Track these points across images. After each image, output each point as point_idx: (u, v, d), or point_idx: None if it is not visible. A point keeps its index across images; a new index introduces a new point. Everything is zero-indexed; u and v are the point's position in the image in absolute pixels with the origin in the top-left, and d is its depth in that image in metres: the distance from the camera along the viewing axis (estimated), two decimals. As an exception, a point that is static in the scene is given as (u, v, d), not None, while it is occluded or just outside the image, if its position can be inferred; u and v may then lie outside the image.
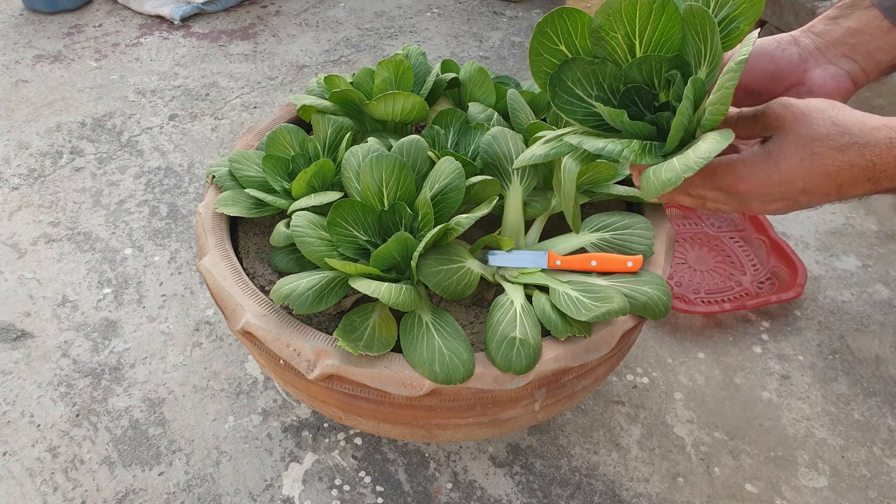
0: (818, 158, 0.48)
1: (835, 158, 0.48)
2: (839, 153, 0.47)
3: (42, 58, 1.74)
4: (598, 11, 0.49)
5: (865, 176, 0.48)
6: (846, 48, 0.59)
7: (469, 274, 0.69)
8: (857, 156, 0.47)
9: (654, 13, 0.48)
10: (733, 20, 0.49)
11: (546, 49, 0.52)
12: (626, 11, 0.48)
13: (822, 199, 0.51)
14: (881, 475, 0.91)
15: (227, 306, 0.71)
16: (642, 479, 0.91)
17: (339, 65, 1.76)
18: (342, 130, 0.84)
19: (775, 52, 0.60)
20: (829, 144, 0.48)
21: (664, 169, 0.47)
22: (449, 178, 0.71)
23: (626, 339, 0.71)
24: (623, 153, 0.50)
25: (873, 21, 0.58)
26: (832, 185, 0.49)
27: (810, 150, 0.48)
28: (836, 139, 0.47)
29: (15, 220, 1.28)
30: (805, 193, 0.50)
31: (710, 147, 0.45)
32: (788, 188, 0.50)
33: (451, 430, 0.72)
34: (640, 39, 0.50)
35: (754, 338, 1.09)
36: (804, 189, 0.50)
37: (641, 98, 0.53)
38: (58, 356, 1.05)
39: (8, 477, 0.90)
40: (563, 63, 0.52)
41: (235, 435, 0.95)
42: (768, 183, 0.50)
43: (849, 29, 0.59)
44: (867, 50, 0.59)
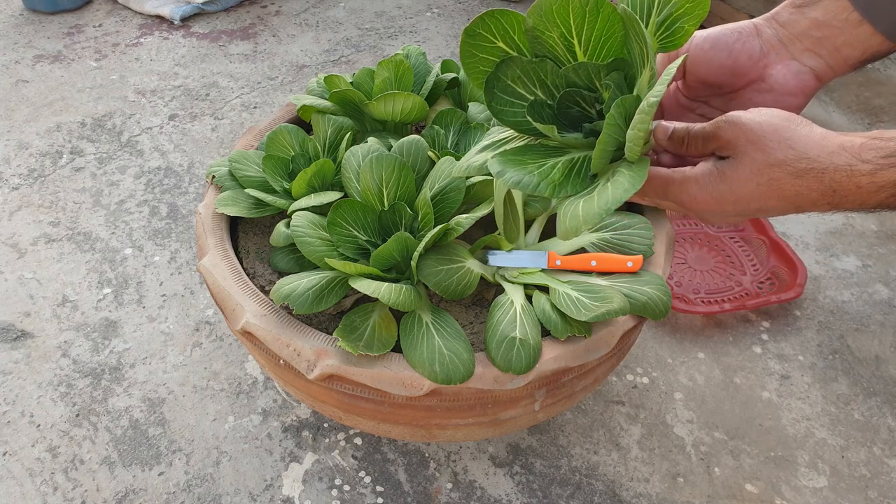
0: (775, 183, 0.46)
1: (792, 184, 0.46)
2: (797, 179, 0.45)
3: (42, 58, 1.74)
4: (529, 12, 0.46)
5: (825, 200, 0.46)
6: (811, 42, 0.55)
7: (469, 274, 0.69)
8: (816, 182, 0.45)
9: (589, 14, 0.45)
10: (677, 20, 0.46)
11: (482, 48, 0.49)
12: (559, 13, 0.45)
13: (781, 214, 0.50)
14: (881, 475, 0.91)
15: (227, 306, 0.71)
16: (642, 479, 0.91)
17: (339, 65, 1.76)
18: (342, 130, 0.84)
19: (735, 44, 0.56)
20: (787, 170, 0.45)
21: (570, 215, 0.45)
22: (449, 178, 0.71)
23: (626, 339, 0.71)
24: (539, 187, 0.47)
25: (841, 13, 0.54)
26: (791, 206, 0.48)
27: (767, 175, 0.46)
28: (793, 164, 0.45)
29: (15, 220, 1.28)
30: (762, 211, 0.49)
31: (617, 195, 0.44)
32: (744, 207, 0.49)
33: (451, 430, 0.72)
34: (579, 39, 0.47)
35: (754, 338, 1.09)
36: (761, 208, 0.49)
37: (584, 98, 0.50)
38: (58, 356, 1.05)
39: (8, 477, 0.90)
40: (502, 61, 0.49)
41: (235, 435, 0.95)
42: (722, 202, 0.49)
43: (814, 21, 0.55)
44: (834, 45, 0.54)
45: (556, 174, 0.48)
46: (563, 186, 0.48)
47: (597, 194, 0.46)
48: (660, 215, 0.81)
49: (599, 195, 0.45)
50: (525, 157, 0.50)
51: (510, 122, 0.51)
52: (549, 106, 0.50)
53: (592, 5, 0.45)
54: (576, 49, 0.48)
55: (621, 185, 0.45)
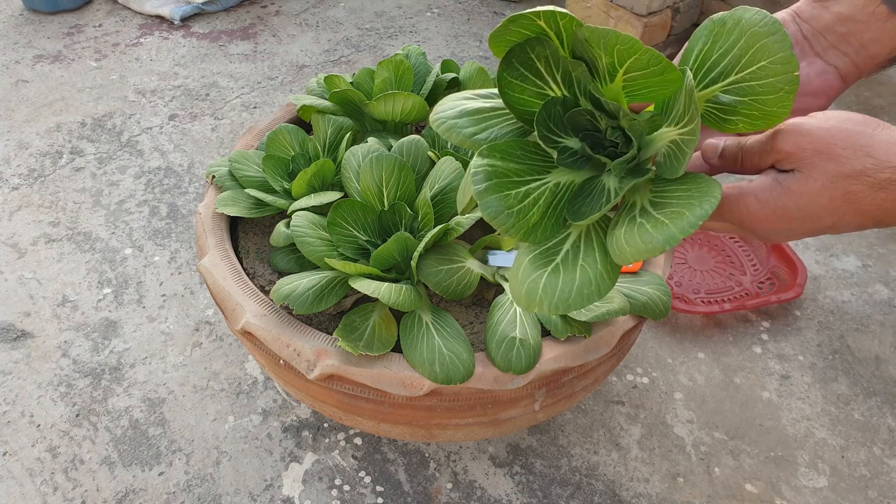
0: (852, 197, 0.41)
1: (873, 198, 0.40)
2: (879, 191, 0.40)
3: (42, 58, 1.74)
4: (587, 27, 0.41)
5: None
6: (835, 38, 0.51)
7: (469, 274, 0.69)
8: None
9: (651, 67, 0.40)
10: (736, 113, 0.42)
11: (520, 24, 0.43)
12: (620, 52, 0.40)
13: (854, 230, 0.44)
14: (881, 475, 0.91)
15: (227, 306, 0.71)
16: (642, 479, 0.91)
17: (339, 65, 1.76)
18: (342, 130, 0.84)
19: None
20: (866, 182, 0.40)
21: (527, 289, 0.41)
22: (449, 178, 0.71)
23: (626, 339, 0.71)
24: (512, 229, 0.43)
25: (867, 6, 0.49)
26: (869, 221, 0.42)
27: (842, 188, 0.41)
28: (873, 175, 0.40)
29: (15, 220, 1.28)
30: (833, 227, 0.43)
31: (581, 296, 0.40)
32: (813, 224, 0.43)
33: (451, 430, 0.72)
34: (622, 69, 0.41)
35: (754, 338, 1.09)
36: (833, 225, 0.43)
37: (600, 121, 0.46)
38: (58, 356, 1.05)
39: (8, 477, 0.90)
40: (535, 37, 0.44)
41: (235, 435, 0.95)
42: (787, 219, 0.43)
43: (839, 15, 0.50)
44: (860, 41, 0.50)
45: (533, 215, 0.44)
46: (534, 231, 0.44)
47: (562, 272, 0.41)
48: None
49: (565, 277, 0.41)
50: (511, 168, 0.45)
51: (515, 98, 0.46)
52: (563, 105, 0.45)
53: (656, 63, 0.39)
54: (617, 77, 0.42)
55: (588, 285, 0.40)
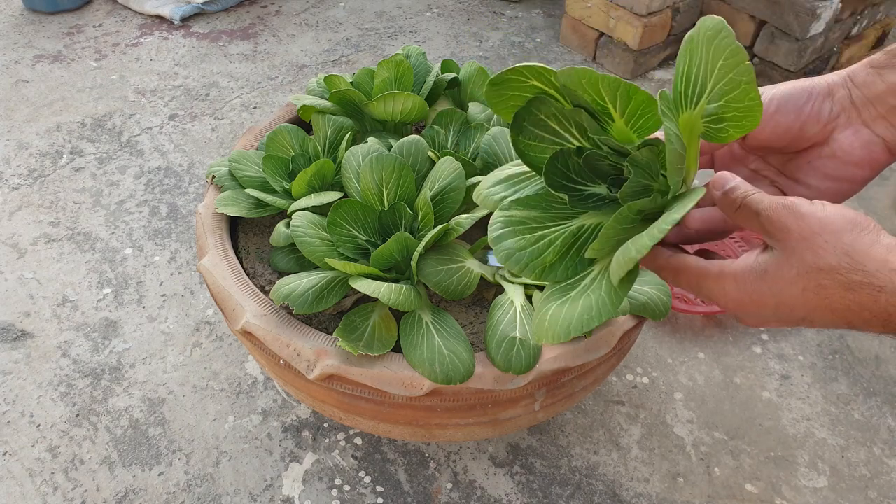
0: (823, 291, 0.41)
1: (843, 297, 0.40)
2: (848, 291, 0.40)
3: (42, 58, 1.74)
4: (559, 73, 0.43)
5: (879, 320, 0.40)
6: (886, 109, 0.49)
7: (469, 274, 0.69)
8: (870, 300, 0.39)
9: (621, 97, 0.42)
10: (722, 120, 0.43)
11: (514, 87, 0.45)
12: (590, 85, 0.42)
13: (829, 328, 0.44)
14: (881, 475, 0.91)
15: (227, 306, 0.71)
16: (642, 479, 0.91)
17: (339, 65, 1.76)
18: (342, 130, 0.84)
19: (804, 106, 0.50)
20: (837, 279, 0.40)
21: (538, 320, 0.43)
22: (449, 178, 0.71)
23: (626, 339, 0.71)
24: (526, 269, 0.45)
25: None
26: (839, 321, 0.42)
27: (815, 280, 0.41)
28: (846, 274, 0.40)
29: (15, 220, 1.28)
30: (807, 321, 0.43)
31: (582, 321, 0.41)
32: (786, 314, 0.43)
33: (451, 430, 0.72)
34: (615, 106, 0.43)
35: (754, 338, 1.09)
36: (805, 318, 0.43)
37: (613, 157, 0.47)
38: (58, 356, 1.05)
39: (8, 477, 0.90)
40: (536, 97, 0.45)
41: (235, 435, 0.95)
42: (761, 304, 0.44)
43: (893, 85, 0.48)
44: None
45: (549, 254, 0.45)
46: (553, 270, 0.45)
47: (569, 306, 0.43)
48: (660, 215, 0.81)
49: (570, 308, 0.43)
50: (532, 216, 0.47)
51: (536, 159, 0.48)
52: (578, 153, 0.46)
53: (623, 90, 0.42)
54: (612, 113, 0.44)
55: (588, 311, 0.42)
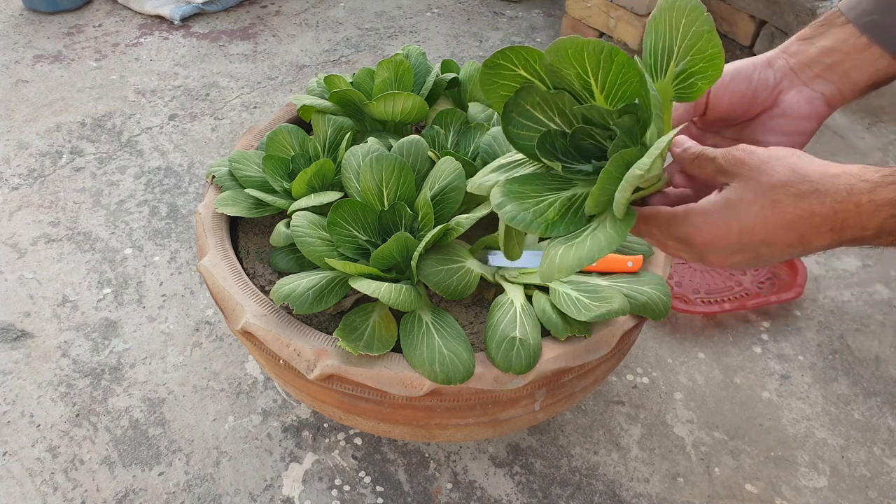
0: (778, 206, 0.46)
1: (795, 206, 0.46)
2: (799, 200, 0.46)
3: (42, 58, 1.74)
4: (547, 50, 0.47)
5: (827, 225, 0.46)
6: (821, 68, 0.57)
7: (469, 274, 0.69)
8: (818, 203, 0.45)
9: (604, 61, 0.46)
10: (691, 76, 0.48)
11: (503, 76, 0.51)
12: (575, 56, 0.47)
13: (784, 251, 0.49)
14: (881, 475, 0.91)
15: (227, 306, 0.71)
16: (642, 479, 0.91)
17: (339, 65, 1.76)
18: (342, 130, 0.84)
19: (753, 75, 0.58)
20: (789, 191, 0.46)
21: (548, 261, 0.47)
22: (449, 178, 0.71)
23: (626, 339, 0.71)
24: (532, 225, 0.49)
25: (849, 38, 0.56)
26: (794, 235, 0.47)
27: (770, 197, 0.46)
28: (795, 186, 0.46)
29: (15, 220, 1.28)
30: (766, 245, 0.48)
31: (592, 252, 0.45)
32: (748, 239, 0.48)
33: (451, 430, 0.72)
34: (595, 79, 0.48)
35: (754, 338, 1.09)
36: (764, 240, 0.48)
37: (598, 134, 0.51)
38: (58, 356, 1.05)
39: (8, 477, 0.90)
40: (522, 87, 0.51)
41: (235, 435, 0.95)
42: (727, 234, 0.48)
43: (823, 48, 0.57)
44: (843, 69, 0.57)
45: (550, 213, 0.50)
46: (556, 226, 0.49)
47: (576, 245, 0.47)
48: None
49: (578, 248, 0.47)
50: (528, 189, 0.51)
51: (524, 146, 0.53)
52: (563, 136, 0.51)
53: (606, 53, 0.46)
54: (593, 88, 0.49)
55: (598, 243, 0.46)
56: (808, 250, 0.48)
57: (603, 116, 0.49)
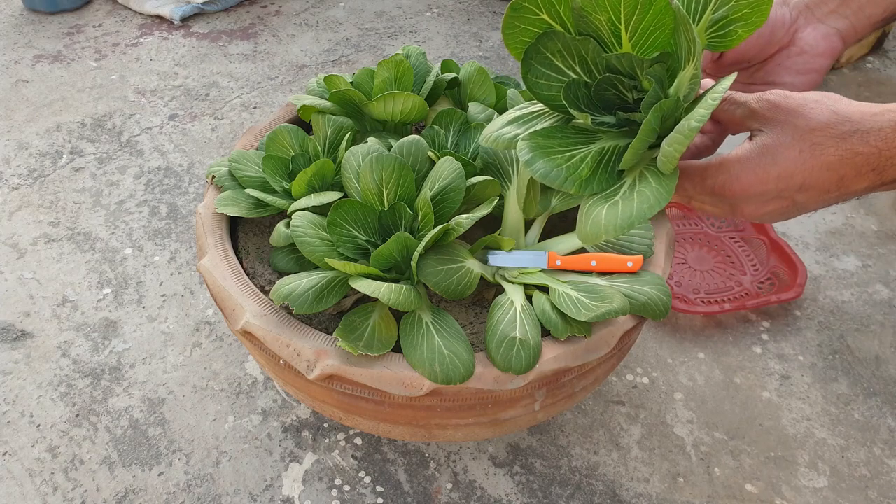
0: (818, 148, 0.45)
1: (837, 147, 0.45)
2: (841, 141, 0.44)
3: (42, 58, 1.74)
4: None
5: (870, 165, 0.44)
6: (835, 4, 0.57)
7: (469, 274, 0.69)
8: (861, 142, 0.44)
9: (641, 6, 0.44)
10: (732, 22, 0.45)
11: (525, 20, 0.47)
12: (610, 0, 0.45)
13: (820, 197, 0.47)
14: (881, 475, 0.91)
15: (227, 306, 0.71)
16: (642, 479, 0.91)
17: (339, 65, 1.76)
18: (342, 130, 0.84)
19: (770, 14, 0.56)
20: (830, 133, 0.45)
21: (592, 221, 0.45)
22: (449, 178, 0.71)
23: (626, 339, 0.71)
24: (566, 183, 0.47)
25: None
26: (833, 177, 0.45)
27: (809, 140, 0.45)
28: (836, 127, 0.45)
29: (15, 220, 1.28)
30: (804, 190, 0.47)
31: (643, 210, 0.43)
32: (786, 184, 0.47)
33: (451, 431, 0.72)
34: (626, 26, 0.45)
35: (754, 338, 1.09)
36: (803, 185, 0.46)
37: (623, 84, 0.49)
38: (58, 356, 1.05)
39: (8, 477, 0.90)
40: (544, 33, 0.47)
41: (235, 435, 0.95)
42: (765, 179, 0.47)
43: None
44: (858, 4, 0.56)
45: (583, 169, 0.48)
46: (589, 183, 0.47)
47: (622, 202, 0.45)
48: (660, 215, 0.81)
49: (624, 204, 0.45)
50: (554, 143, 0.49)
51: (544, 95, 0.50)
52: (586, 86, 0.49)
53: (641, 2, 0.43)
54: (622, 35, 0.46)
55: (647, 200, 0.44)
56: (845, 195, 0.47)
57: (633, 65, 0.46)
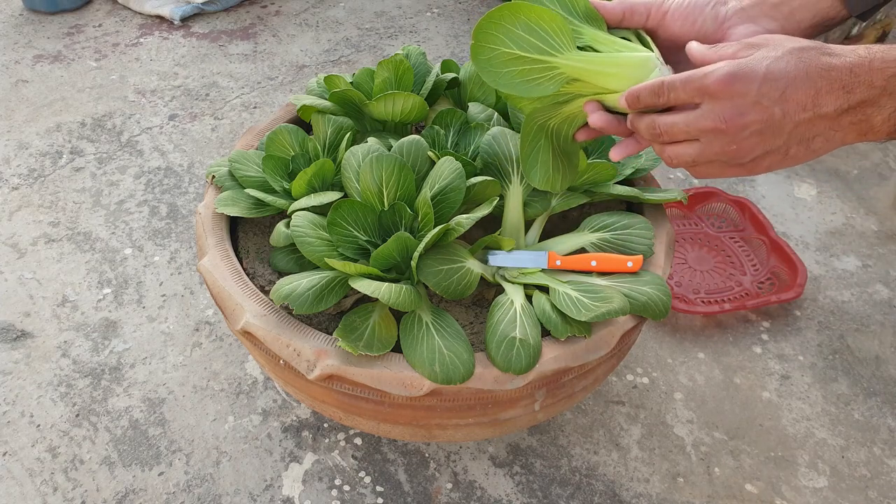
0: (803, 59, 0.51)
1: (818, 61, 0.51)
2: (823, 55, 0.51)
3: (42, 58, 1.74)
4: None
5: (841, 82, 0.50)
6: (767, 7, 0.61)
7: (469, 274, 0.69)
8: (838, 59, 0.51)
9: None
10: None
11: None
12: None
13: (796, 114, 0.52)
14: (881, 475, 0.91)
15: (227, 306, 0.71)
16: (642, 479, 0.91)
17: (339, 65, 1.76)
18: (342, 130, 0.84)
19: (706, 7, 0.62)
20: (816, 49, 0.52)
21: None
22: (449, 178, 0.71)
23: (626, 339, 0.71)
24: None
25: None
26: (811, 90, 0.51)
27: (797, 54, 0.52)
28: (821, 48, 0.52)
29: (15, 220, 1.28)
30: (783, 100, 0.52)
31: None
32: (770, 87, 0.51)
33: (451, 431, 0.72)
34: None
35: (754, 338, 1.09)
36: (784, 92, 0.51)
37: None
38: (58, 356, 1.05)
39: (8, 477, 0.90)
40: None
41: (235, 435, 0.95)
42: (753, 76, 0.52)
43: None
44: (789, 8, 0.61)
45: None
46: None
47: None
48: (660, 215, 0.81)
49: None
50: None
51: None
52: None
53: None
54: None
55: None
56: (816, 120, 0.52)
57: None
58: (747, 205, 1.24)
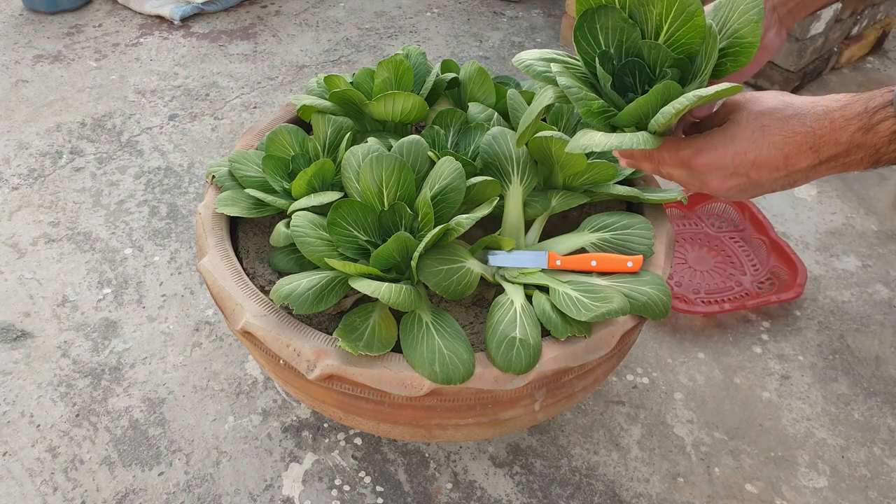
0: (767, 129, 0.54)
1: (781, 128, 0.53)
2: (784, 122, 0.54)
3: (42, 58, 1.74)
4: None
5: (808, 144, 0.53)
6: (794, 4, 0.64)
7: (469, 274, 0.69)
8: (799, 124, 0.53)
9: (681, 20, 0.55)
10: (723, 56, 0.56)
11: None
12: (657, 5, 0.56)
13: (771, 175, 0.56)
14: (881, 475, 0.91)
15: (227, 306, 0.71)
16: (642, 479, 0.91)
17: (339, 65, 1.76)
18: (342, 130, 0.84)
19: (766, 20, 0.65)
20: (776, 116, 0.54)
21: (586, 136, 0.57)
22: (449, 178, 0.71)
23: (626, 339, 0.71)
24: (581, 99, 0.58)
25: None
26: (780, 155, 0.54)
27: (759, 122, 0.54)
28: (781, 111, 0.54)
29: (15, 220, 1.28)
30: (756, 167, 0.55)
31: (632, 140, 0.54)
32: (741, 160, 0.55)
33: (451, 431, 0.72)
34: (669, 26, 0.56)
35: (754, 338, 1.09)
36: (755, 162, 0.55)
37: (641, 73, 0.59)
38: (58, 356, 1.05)
39: (8, 477, 0.90)
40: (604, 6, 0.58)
41: (235, 435, 0.95)
42: (724, 154, 0.56)
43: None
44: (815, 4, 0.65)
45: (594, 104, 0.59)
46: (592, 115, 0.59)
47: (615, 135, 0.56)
48: (660, 216, 0.81)
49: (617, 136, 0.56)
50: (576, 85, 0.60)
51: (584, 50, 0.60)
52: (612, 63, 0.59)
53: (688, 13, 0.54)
54: (661, 31, 0.57)
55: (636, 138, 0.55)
56: (793, 174, 0.56)
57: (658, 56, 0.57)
58: (747, 205, 1.24)
